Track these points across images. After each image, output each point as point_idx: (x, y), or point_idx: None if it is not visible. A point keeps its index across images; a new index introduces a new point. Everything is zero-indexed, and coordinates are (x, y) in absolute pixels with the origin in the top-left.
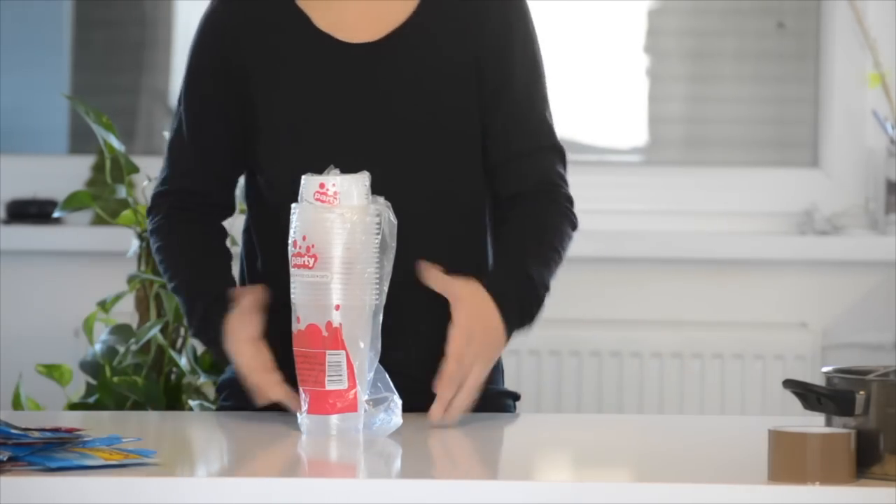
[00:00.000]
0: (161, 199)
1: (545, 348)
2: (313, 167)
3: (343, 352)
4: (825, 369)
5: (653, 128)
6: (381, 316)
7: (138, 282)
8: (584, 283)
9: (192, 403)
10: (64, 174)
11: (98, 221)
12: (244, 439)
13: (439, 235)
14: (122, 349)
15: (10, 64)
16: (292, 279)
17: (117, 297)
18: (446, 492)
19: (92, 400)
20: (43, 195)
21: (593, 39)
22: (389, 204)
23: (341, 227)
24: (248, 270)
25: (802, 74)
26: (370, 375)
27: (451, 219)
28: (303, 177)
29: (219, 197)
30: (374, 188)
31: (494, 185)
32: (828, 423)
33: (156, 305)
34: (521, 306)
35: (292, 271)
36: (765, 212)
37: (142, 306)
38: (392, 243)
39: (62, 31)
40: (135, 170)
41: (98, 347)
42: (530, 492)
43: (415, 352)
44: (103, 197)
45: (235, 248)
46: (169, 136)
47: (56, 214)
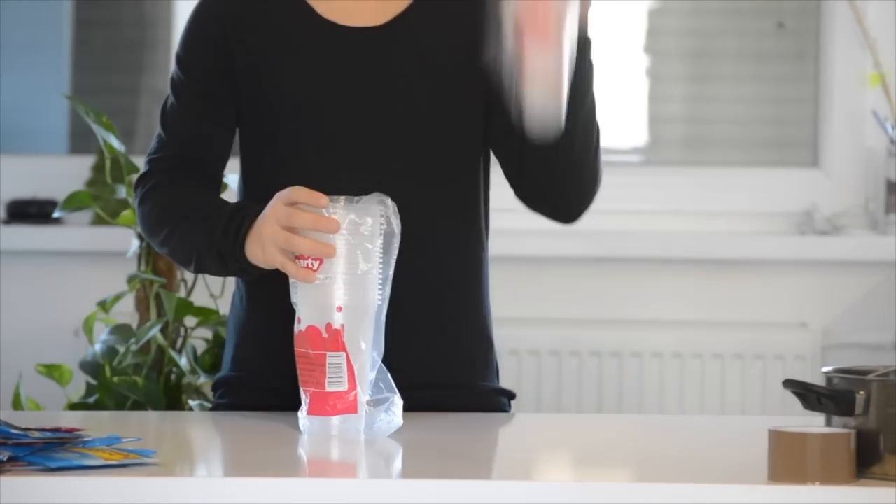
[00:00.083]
0: (155, 164)
1: (545, 348)
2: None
3: (343, 353)
4: (825, 369)
5: (653, 128)
6: (385, 316)
7: (138, 282)
8: (584, 283)
9: (192, 403)
10: (64, 174)
11: (98, 221)
12: (244, 439)
13: (438, 225)
14: (122, 349)
15: (10, 64)
16: (294, 280)
17: (117, 297)
18: (446, 492)
19: (92, 400)
20: (43, 195)
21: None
22: (395, 205)
23: (344, 228)
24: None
25: (802, 74)
26: (372, 375)
27: (449, 208)
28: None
29: (213, 168)
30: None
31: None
32: (828, 423)
33: (156, 305)
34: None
35: None
36: (765, 212)
37: (142, 306)
38: (396, 244)
39: (62, 31)
40: (135, 170)
41: (98, 347)
42: (530, 492)
43: (415, 350)
44: (103, 197)
45: None
46: (163, 109)
47: (56, 214)
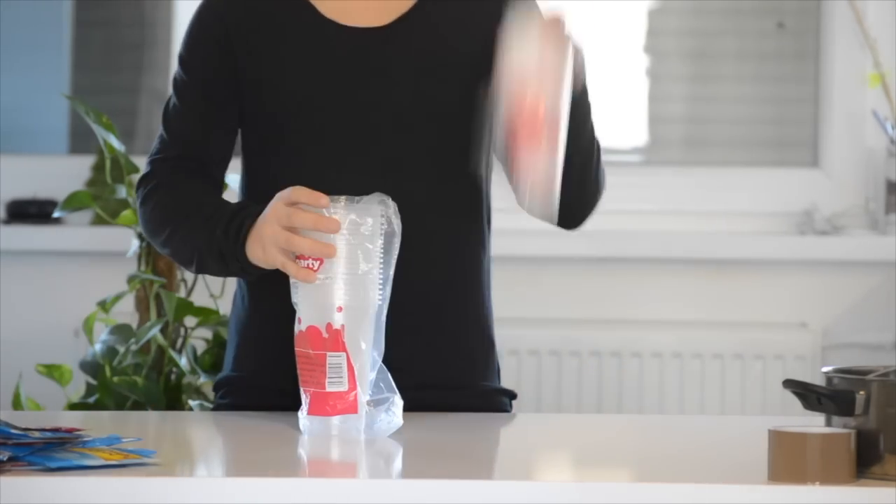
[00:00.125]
0: (157, 164)
1: (545, 348)
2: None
3: (343, 354)
4: (825, 369)
5: (653, 128)
6: (385, 315)
7: (138, 282)
8: (584, 283)
9: (192, 403)
10: (64, 174)
11: (98, 221)
12: (244, 439)
13: (438, 225)
14: (122, 349)
15: (10, 64)
16: (294, 280)
17: (117, 297)
18: (446, 492)
19: (92, 400)
20: (43, 195)
21: (593, 39)
22: (396, 205)
23: (345, 228)
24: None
25: (802, 74)
26: (372, 375)
27: (450, 208)
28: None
29: (215, 169)
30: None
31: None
32: (828, 423)
33: (156, 305)
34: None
35: None
36: (765, 212)
37: (142, 306)
38: (397, 244)
39: (62, 31)
40: (135, 170)
41: (98, 347)
42: (530, 492)
43: (416, 350)
44: (103, 197)
45: None
46: (165, 109)
47: (56, 214)
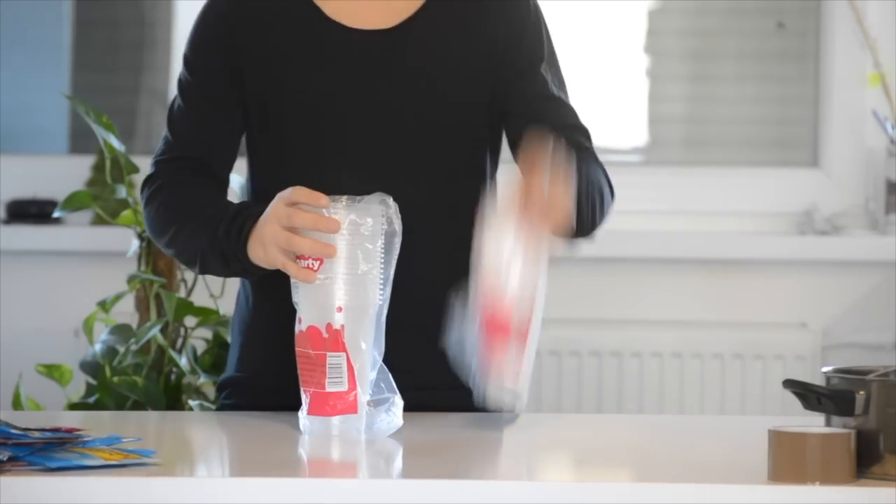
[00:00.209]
0: (162, 165)
1: (545, 348)
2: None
3: (343, 354)
4: (825, 369)
5: (653, 128)
6: (385, 315)
7: (138, 282)
8: (584, 283)
9: (192, 403)
10: (64, 174)
11: (98, 221)
12: (244, 439)
13: (441, 229)
14: (122, 349)
15: (10, 64)
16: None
17: (117, 297)
18: (446, 492)
19: (92, 400)
20: (43, 195)
21: (593, 39)
22: (397, 205)
23: (345, 228)
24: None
25: (802, 74)
26: (373, 375)
27: (452, 212)
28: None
29: (219, 169)
30: (381, 176)
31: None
32: (828, 423)
33: (156, 305)
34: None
35: None
36: (765, 212)
37: (142, 306)
38: (397, 243)
39: (62, 31)
40: (135, 170)
41: (98, 347)
42: (530, 492)
43: (417, 351)
44: (103, 197)
45: None
46: (170, 110)
47: (56, 214)
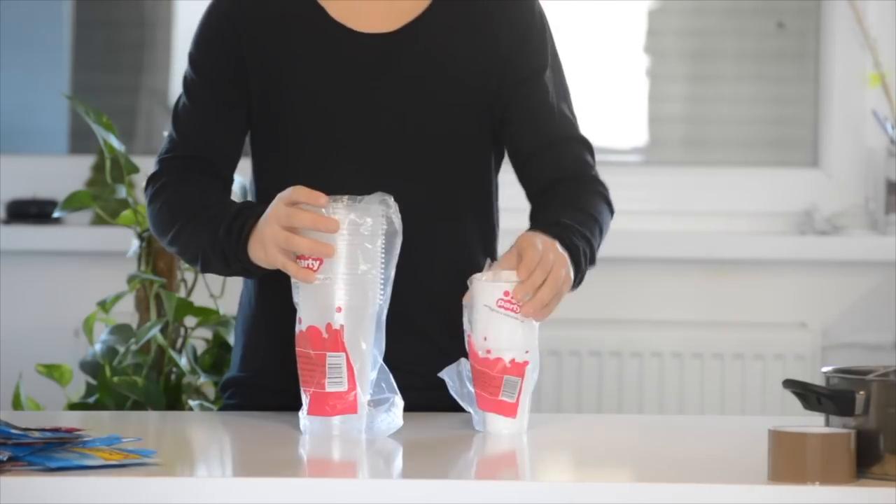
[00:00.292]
0: (165, 164)
1: (545, 348)
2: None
3: (343, 354)
4: (825, 369)
5: (653, 128)
6: (385, 316)
7: (138, 282)
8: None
9: (192, 403)
10: (64, 174)
11: (98, 221)
12: (244, 439)
13: (442, 229)
14: (122, 349)
15: (10, 64)
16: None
17: (117, 297)
18: (446, 492)
19: (92, 400)
20: (43, 195)
21: (593, 39)
22: (397, 205)
23: (345, 228)
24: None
25: (802, 74)
26: (373, 375)
27: (453, 212)
28: None
29: (223, 169)
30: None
31: (526, 176)
32: (828, 423)
33: (156, 305)
34: (572, 253)
35: None
36: (765, 212)
37: (142, 306)
38: (398, 243)
39: (62, 31)
40: (135, 170)
41: (98, 347)
42: (530, 492)
43: (417, 351)
44: (103, 197)
45: None
46: (175, 109)
47: (56, 214)
